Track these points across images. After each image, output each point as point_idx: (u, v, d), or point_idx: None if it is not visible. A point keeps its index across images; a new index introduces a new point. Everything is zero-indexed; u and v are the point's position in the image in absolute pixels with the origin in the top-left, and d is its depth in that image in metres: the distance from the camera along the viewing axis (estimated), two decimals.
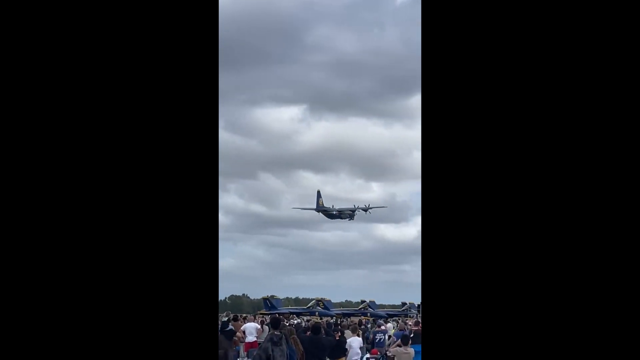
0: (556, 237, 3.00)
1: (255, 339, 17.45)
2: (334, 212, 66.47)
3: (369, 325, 28.87)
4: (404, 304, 66.40)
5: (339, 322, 27.62)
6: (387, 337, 20.12)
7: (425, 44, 3.19)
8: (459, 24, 3.16)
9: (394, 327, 25.90)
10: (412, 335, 13.07)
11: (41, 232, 3.08)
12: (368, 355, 17.49)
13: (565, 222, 3.00)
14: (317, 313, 55.87)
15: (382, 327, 22.25)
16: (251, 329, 18.06)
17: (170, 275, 3.16)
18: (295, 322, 32.45)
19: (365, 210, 66.08)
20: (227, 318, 19.64)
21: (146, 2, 3.23)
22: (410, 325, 24.34)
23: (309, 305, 63.47)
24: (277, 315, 25.63)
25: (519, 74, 3.09)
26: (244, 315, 34.50)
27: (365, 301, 66.00)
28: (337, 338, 14.80)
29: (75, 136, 3.13)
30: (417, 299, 62.42)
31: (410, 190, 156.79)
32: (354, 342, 14.61)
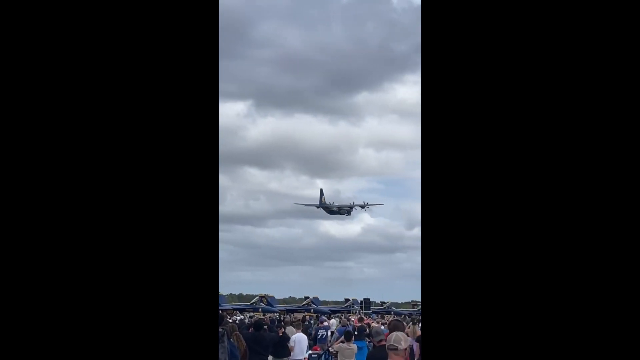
0: (558, 241, 2.98)
1: None
2: (335, 209, 70.81)
3: (312, 321, 28.91)
4: (347, 300, 66.99)
5: (282, 318, 27.54)
6: (329, 333, 20.16)
7: (425, 41, 3.14)
8: (459, 21, 3.12)
9: (337, 324, 26.02)
10: (355, 332, 13.13)
11: (40, 227, 3.04)
12: (310, 351, 17.47)
13: (568, 224, 2.98)
14: (260, 309, 55.71)
15: (325, 323, 22.31)
16: None
17: (168, 273, 3.11)
18: (239, 318, 32.23)
19: (363, 207, 71.12)
20: None
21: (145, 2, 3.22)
22: (353, 321, 24.49)
23: (252, 301, 63.19)
24: (220, 311, 25.38)
25: (519, 73, 3.06)
26: None
27: (308, 297, 66.31)
28: (280, 334, 14.74)
29: (68, 131, 3.10)
30: (359, 295, 63.25)
31: (355, 187, 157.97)
32: (299, 338, 14.60)
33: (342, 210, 70.99)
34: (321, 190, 71.20)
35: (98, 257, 3.06)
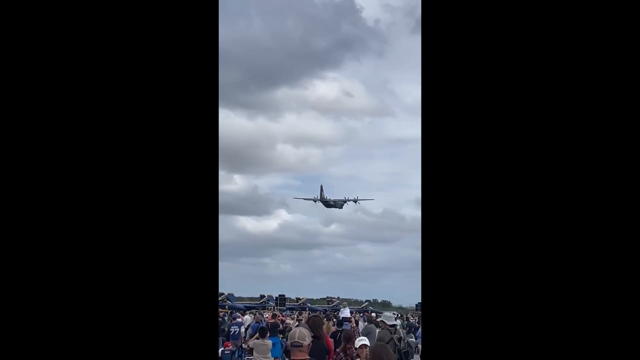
0: (560, 242, 2.95)
1: None
2: (331, 202, 77.94)
3: (226, 318, 28.45)
4: (262, 296, 67.05)
5: None
6: (242, 329, 19.87)
7: (425, 41, 3.13)
8: (458, 21, 3.11)
9: (251, 320, 25.76)
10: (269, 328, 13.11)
11: (41, 227, 3.06)
12: (222, 347, 17.12)
13: (566, 226, 2.95)
14: None
15: (238, 319, 22.09)
16: None
17: (168, 273, 3.12)
18: None
19: (355, 201, 78.28)
20: None
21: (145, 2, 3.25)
22: (267, 317, 24.30)
23: None
24: None
25: (518, 73, 3.04)
26: None
27: (223, 294, 65.79)
28: None
29: (67, 130, 3.12)
30: (275, 292, 63.41)
31: (273, 183, 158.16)
32: None
33: (338, 204, 78.71)
34: (321, 187, 79.90)
35: (98, 257, 3.06)
